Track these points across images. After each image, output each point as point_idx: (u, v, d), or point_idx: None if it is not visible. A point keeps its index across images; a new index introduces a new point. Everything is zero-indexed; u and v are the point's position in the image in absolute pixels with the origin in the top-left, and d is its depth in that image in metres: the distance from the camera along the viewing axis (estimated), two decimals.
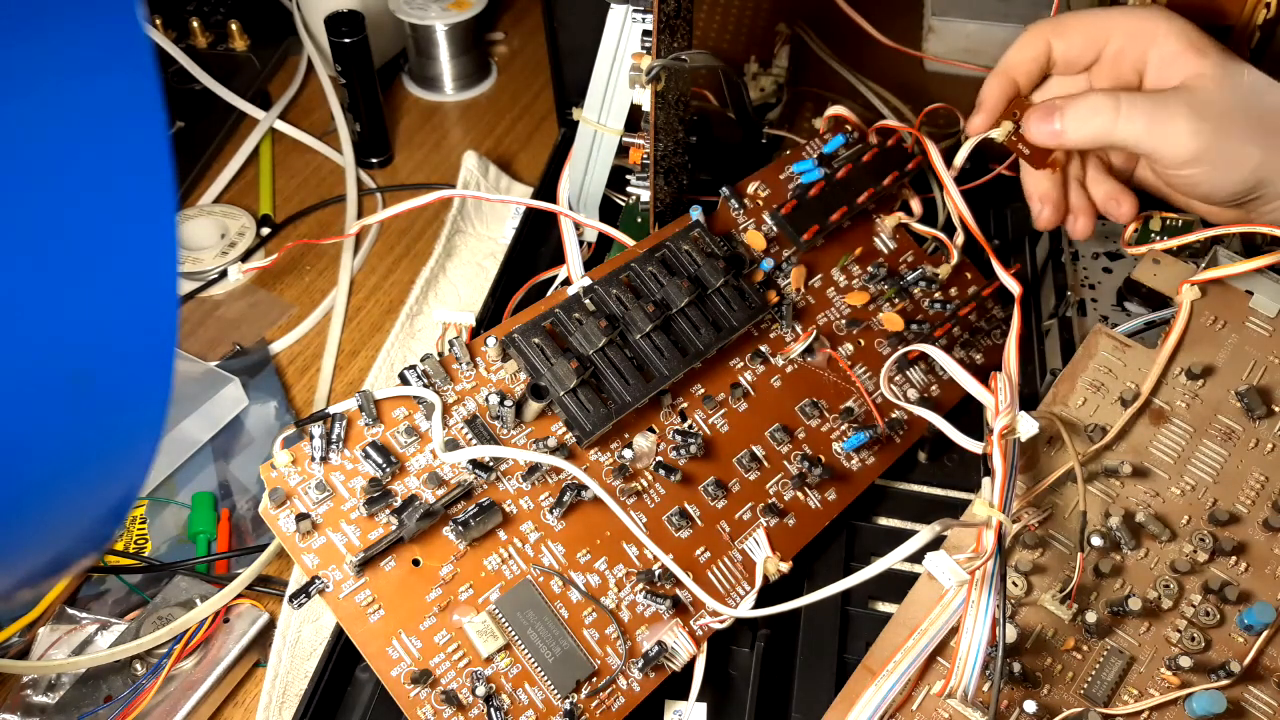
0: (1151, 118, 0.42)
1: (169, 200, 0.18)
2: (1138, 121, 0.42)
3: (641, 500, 0.42)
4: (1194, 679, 0.38)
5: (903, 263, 0.53)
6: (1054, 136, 0.44)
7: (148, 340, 0.19)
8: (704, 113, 0.63)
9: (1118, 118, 0.42)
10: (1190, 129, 0.41)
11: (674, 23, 0.45)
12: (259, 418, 0.55)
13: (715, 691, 0.42)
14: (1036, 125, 0.44)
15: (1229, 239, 0.48)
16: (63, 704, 0.42)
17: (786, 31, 0.68)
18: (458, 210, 0.66)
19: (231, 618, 0.45)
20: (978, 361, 0.52)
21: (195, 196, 0.69)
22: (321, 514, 0.38)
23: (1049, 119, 0.44)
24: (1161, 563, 0.40)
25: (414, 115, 0.77)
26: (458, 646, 0.38)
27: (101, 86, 0.17)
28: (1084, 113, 0.43)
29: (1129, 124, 0.42)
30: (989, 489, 0.37)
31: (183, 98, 0.74)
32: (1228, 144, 0.41)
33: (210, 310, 0.61)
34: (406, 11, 0.74)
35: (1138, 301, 0.52)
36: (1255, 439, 0.42)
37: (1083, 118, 0.43)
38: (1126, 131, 0.42)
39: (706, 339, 0.44)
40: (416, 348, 0.59)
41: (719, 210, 0.50)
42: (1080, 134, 0.43)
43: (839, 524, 0.46)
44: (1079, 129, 0.43)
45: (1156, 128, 0.42)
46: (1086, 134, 0.43)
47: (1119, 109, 0.42)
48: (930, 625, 0.37)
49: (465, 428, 0.41)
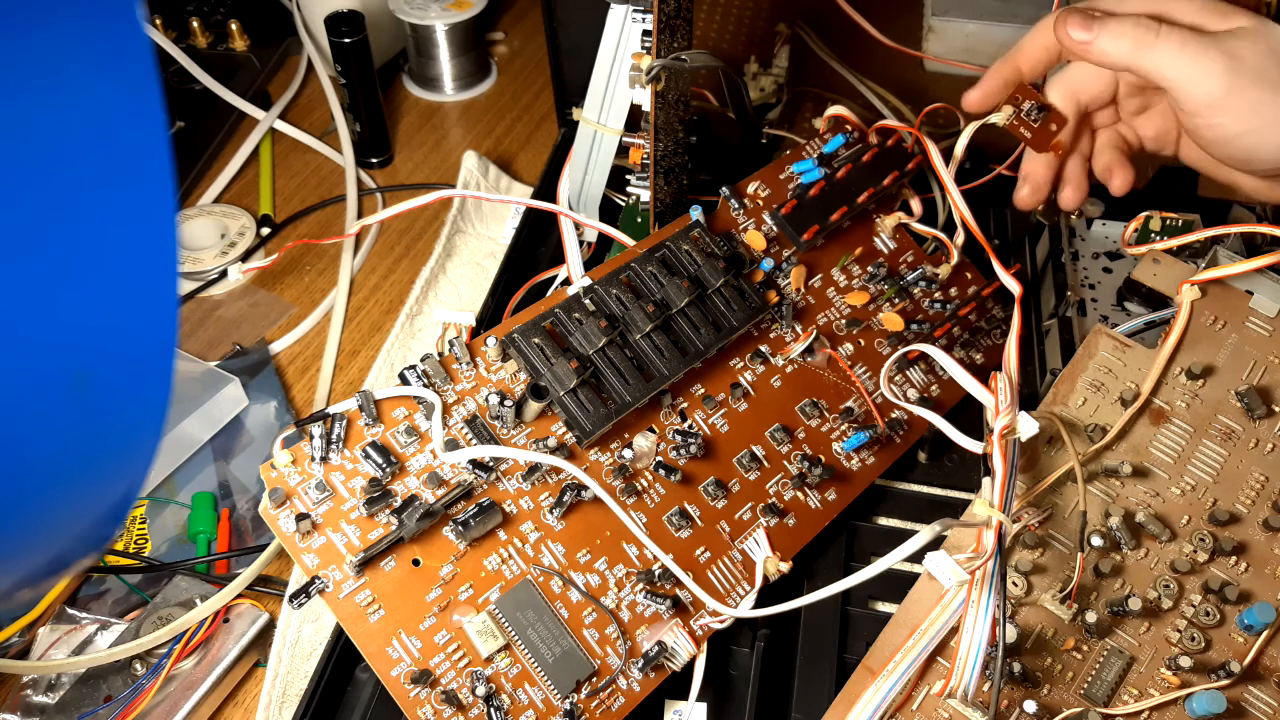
0: (1185, 47, 0.40)
1: (169, 200, 0.18)
2: (1172, 48, 0.40)
3: (641, 500, 0.42)
4: (1194, 679, 0.38)
5: (903, 263, 0.53)
6: (1083, 45, 0.42)
7: (148, 340, 0.19)
8: (704, 113, 0.63)
9: (1156, 40, 0.40)
10: (1225, 65, 0.40)
11: (674, 23, 0.45)
12: (259, 418, 0.55)
13: (715, 691, 0.42)
14: (1071, 27, 0.42)
15: (1229, 239, 0.48)
16: (63, 704, 0.42)
17: (786, 31, 0.68)
18: (458, 210, 0.66)
19: (231, 618, 0.45)
20: (978, 361, 0.52)
21: (195, 196, 0.69)
22: (321, 514, 0.38)
23: (1086, 26, 0.42)
24: (1161, 563, 0.40)
25: (414, 115, 0.77)
26: (458, 646, 0.38)
27: (101, 86, 0.17)
28: (1122, 28, 0.41)
29: (1164, 49, 0.40)
30: (989, 489, 0.37)
31: (183, 98, 0.74)
32: (1261, 93, 0.40)
33: (210, 310, 0.61)
34: (406, 11, 0.74)
35: (1138, 301, 0.52)
36: (1255, 439, 0.42)
37: (1119, 33, 0.41)
38: (1160, 57, 0.41)
39: (706, 339, 0.44)
40: (416, 348, 0.59)
41: (719, 210, 0.50)
42: (1113, 49, 0.42)
43: (839, 524, 0.46)
44: (1111, 45, 0.41)
45: (1189, 59, 0.40)
46: (1119, 51, 0.41)
47: (1158, 32, 0.40)
48: (930, 625, 0.37)
49: (465, 428, 0.41)
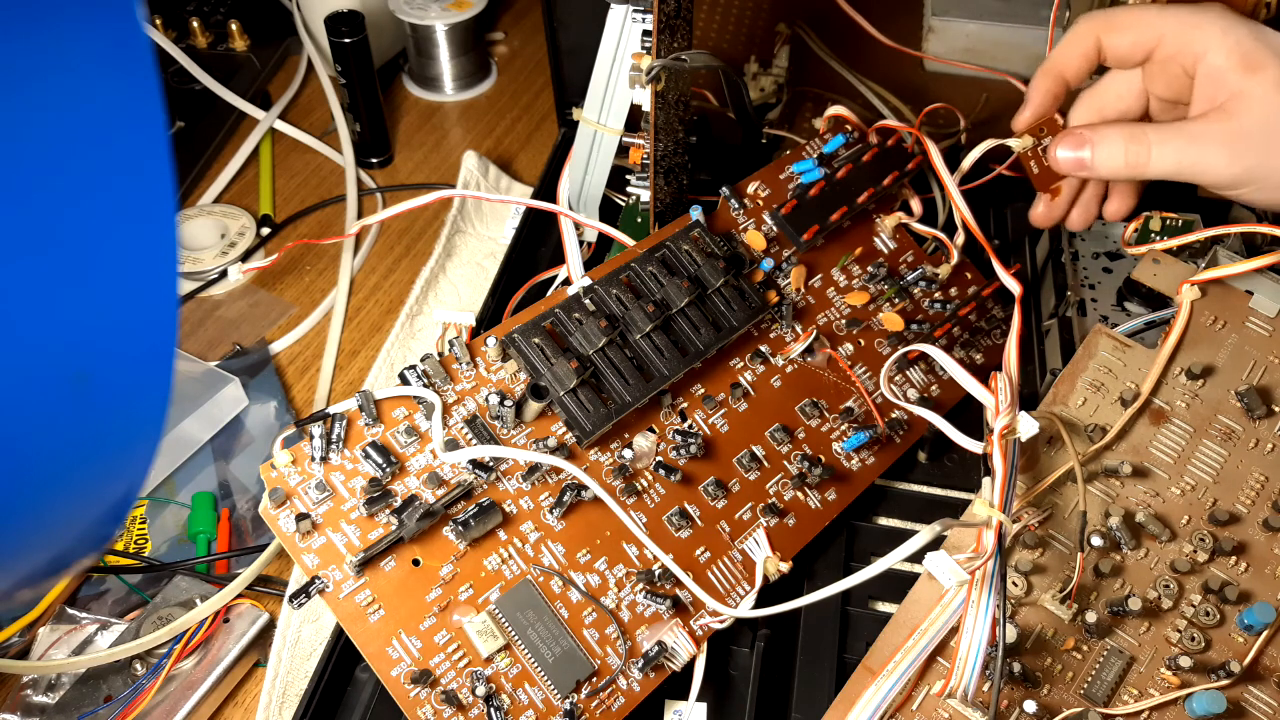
0: (1182, 153, 0.40)
1: (169, 200, 0.18)
2: (1169, 158, 0.40)
3: (641, 500, 0.42)
4: (1194, 679, 0.38)
5: (903, 263, 0.53)
6: (1080, 165, 0.43)
7: (148, 340, 0.19)
8: (704, 113, 0.63)
9: (1150, 156, 0.41)
10: (1227, 157, 0.39)
11: (674, 23, 0.45)
12: (259, 418, 0.55)
13: (715, 691, 0.42)
14: (1064, 152, 0.43)
15: (1229, 239, 0.48)
16: (63, 704, 0.42)
17: (786, 31, 0.68)
18: (458, 210, 0.66)
19: (231, 618, 0.45)
20: (978, 361, 0.52)
21: (195, 196, 0.69)
22: (321, 514, 0.38)
23: (1078, 147, 0.42)
24: (1161, 563, 0.40)
25: (414, 115, 0.77)
26: (458, 646, 0.38)
27: (101, 86, 0.17)
28: (1114, 147, 0.41)
29: (1161, 159, 0.40)
30: (989, 489, 0.37)
31: (183, 98, 0.74)
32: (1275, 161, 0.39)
33: (210, 310, 0.61)
34: (406, 11, 0.74)
35: (1138, 301, 0.52)
36: (1255, 439, 0.42)
37: (1112, 152, 0.42)
38: (1160, 166, 0.41)
39: (706, 339, 0.44)
40: (416, 348, 0.59)
41: (719, 210, 0.50)
42: (1110, 167, 0.42)
43: (839, 524, 0.46)
44: (1108, 161, 0.42)
45: (1190, 161, 0.40)
46: (1116, 167, 0.42)
47: (1150, 149, 0.41)
48: (930, 625, 0.37)
49: (465, 428, 0.41)
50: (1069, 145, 0.43)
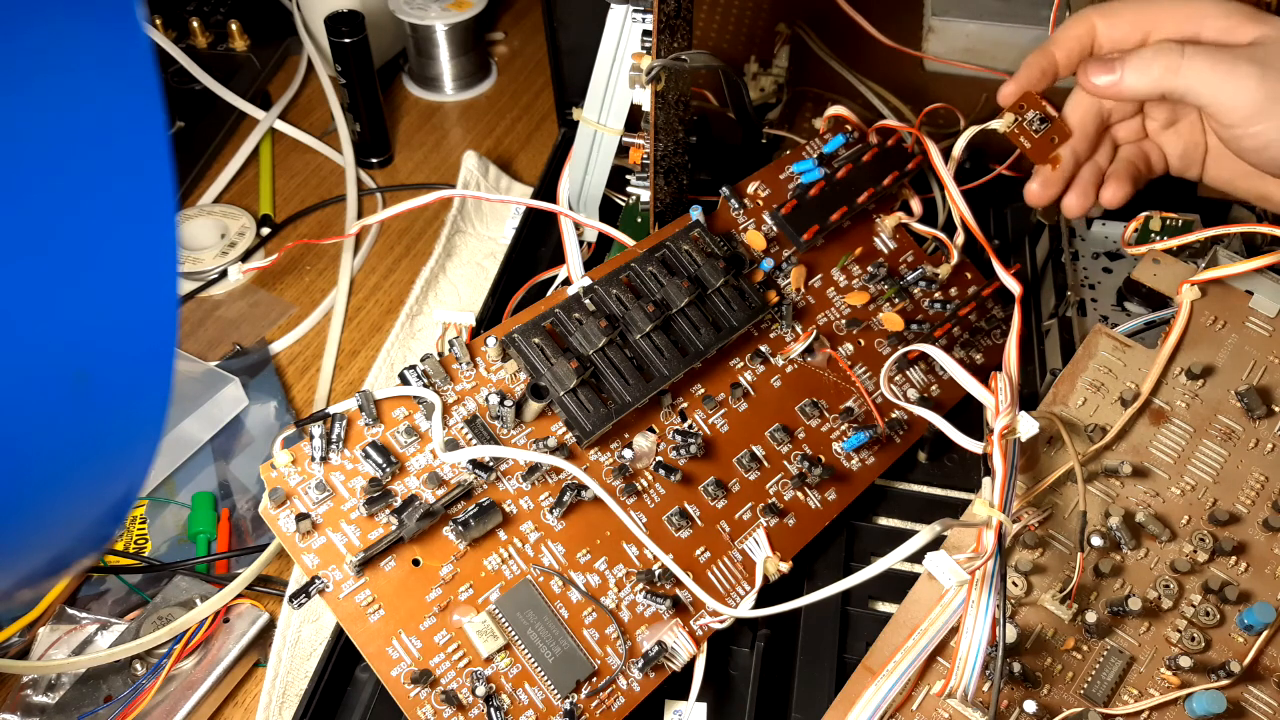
0: (1215, 63, 0.40)
1: (169, 200, 0.18)
2: (1201, 67, 0.40)
3: (641, 500, 0.42)
4: (1194, 679, 0.38)
5: (903, 263, 0.53)
6: (1112, 86, 0.42)
7: (148, 340, 0.19)
8: (704, 113, 0.63)
9: (1181, 62, 0.41)
10: (1258, 76, 0.40)
11: (674, 23, 0.45)
12: (259, 418, 0.55)
13: (715, 691, 0.42)
14: (1095, 74, 0.43)
15: (1229, 239, 0.48)
16: (63, 704, 0.42)
17: (786, 31, 0.68)
18: (458, 210, 0.66)
19: (231, 618, 0.45)
20: (978, 361, 0.52)
21: (195, 196, 0.69)
22: (321, 514, 0.38)
23: (1108, 68, 0.42)
24: (1161, 563, 0.40)
25: (414, 115, 0.77)
26: (458, 646, 0.38)
27: (101, 86, 0.17)
28: (1145, 59, 0.42)
29: (1192, 69, 0.41)
30: (989, 489, 0.37)
31: (183, 98, 0.74)
32: None
33: (210, 310, 0.61)
34: (406, 11, 0.74)
35: (1138, 301, 0.52)
36: (1255, 439, 0.42)
37: (1144, 65, 0.42)
38: (1189, 78, 0.41)
39: (706, 339, 0.44)
40: (416, 348, 0.59)
41: (719, 210, 0.50)
42: (1140, 82, 0.42)
43: (839, 524, 0.46)
44: (1139, 77, 0.42)
45: (1220, 75, 0.40)
46: (1147, 81, 0.42)
47: (1183, 53, 0.41)
48: (930, 625, 0.37)
49: (465, 428, 0.41)
50: (1099, 68, 0.43)
